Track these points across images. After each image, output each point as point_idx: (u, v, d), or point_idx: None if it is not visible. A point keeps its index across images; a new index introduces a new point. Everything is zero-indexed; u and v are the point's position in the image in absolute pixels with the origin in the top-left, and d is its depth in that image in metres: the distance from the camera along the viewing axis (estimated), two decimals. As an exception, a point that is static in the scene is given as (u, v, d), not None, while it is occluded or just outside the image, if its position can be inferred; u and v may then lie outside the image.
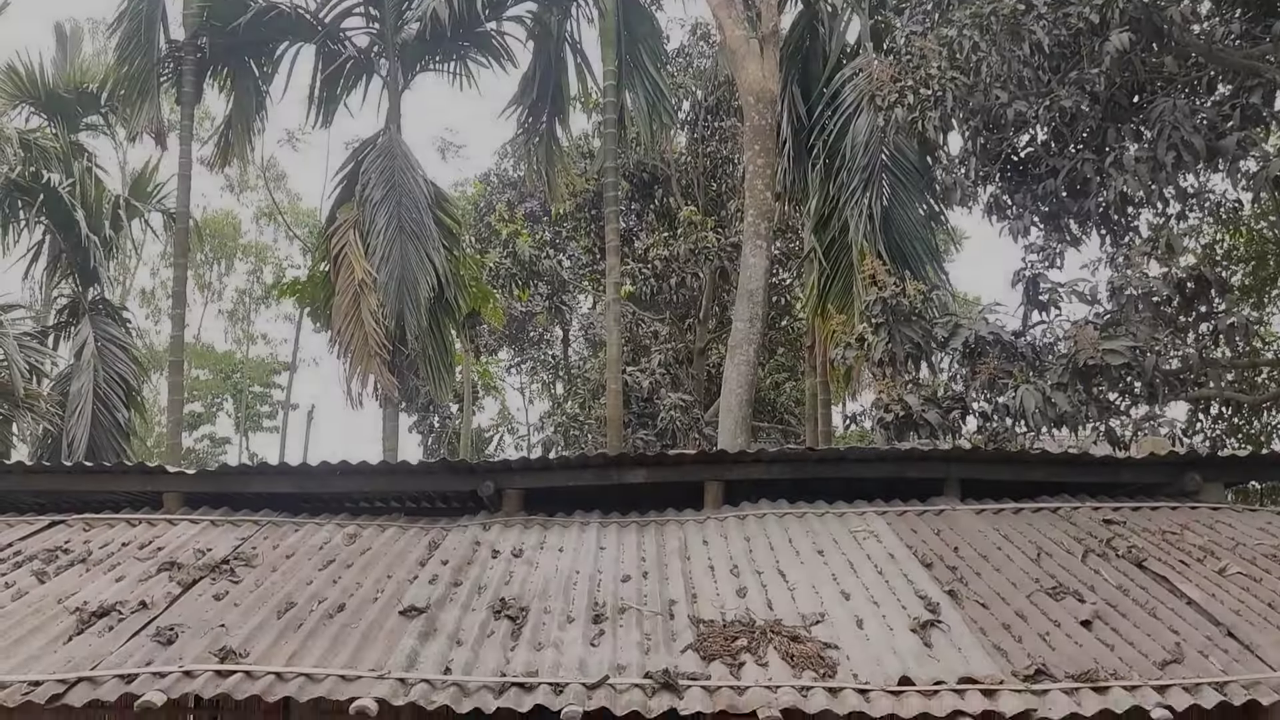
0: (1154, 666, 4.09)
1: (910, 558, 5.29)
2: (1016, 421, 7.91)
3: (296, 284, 16.51)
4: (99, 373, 15.10)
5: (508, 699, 3.90)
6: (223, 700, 5.95)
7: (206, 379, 32.66)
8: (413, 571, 5.19)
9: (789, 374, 19.83)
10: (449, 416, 22.93)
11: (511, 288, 19.50)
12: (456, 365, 16.95)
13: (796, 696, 3.91)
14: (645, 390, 17.15)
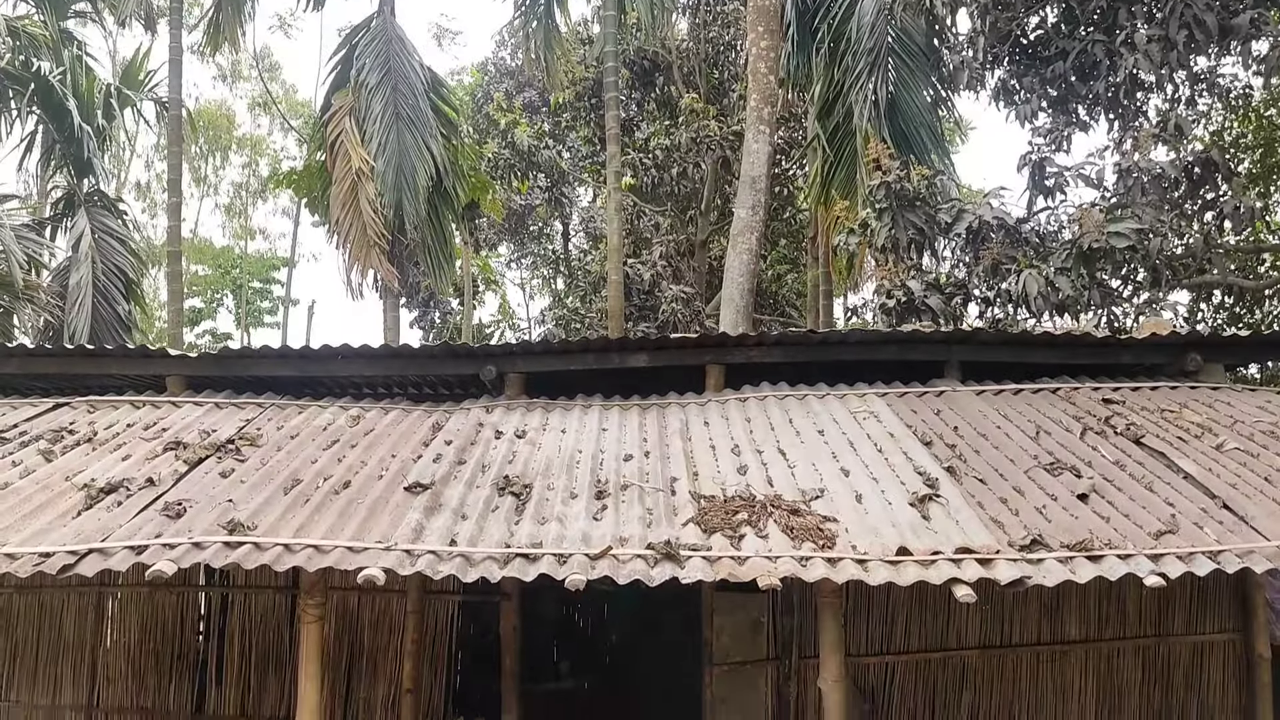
0: (1149, 537, 4.15)
1: (910, 436, 5.33)
2: (1018, 307, 7.91)
3: (293, 174, 16.32)
4: (97, 265, 15.02)
5: (513, 569, 3.96)
6: (233, 576, 6.14)
7: (206, 275, 32.54)
8: (417, 451, 5.24)
9: (791, 266, 19.72)
10: (450, 312, 22.92)
11: (510, 179, 19.27)
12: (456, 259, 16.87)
13: (796, 566, 3.97)
14: (646, 283, 17.08)
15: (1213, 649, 6.21)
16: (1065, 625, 6.23)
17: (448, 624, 6.30)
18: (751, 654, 6.21)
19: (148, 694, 6.00)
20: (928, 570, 3.95)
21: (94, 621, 6.02)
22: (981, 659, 6.20)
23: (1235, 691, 6.18)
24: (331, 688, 6.07)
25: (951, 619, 6.26)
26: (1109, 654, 6.20)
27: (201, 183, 31.96)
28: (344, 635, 6.17)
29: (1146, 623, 6.21)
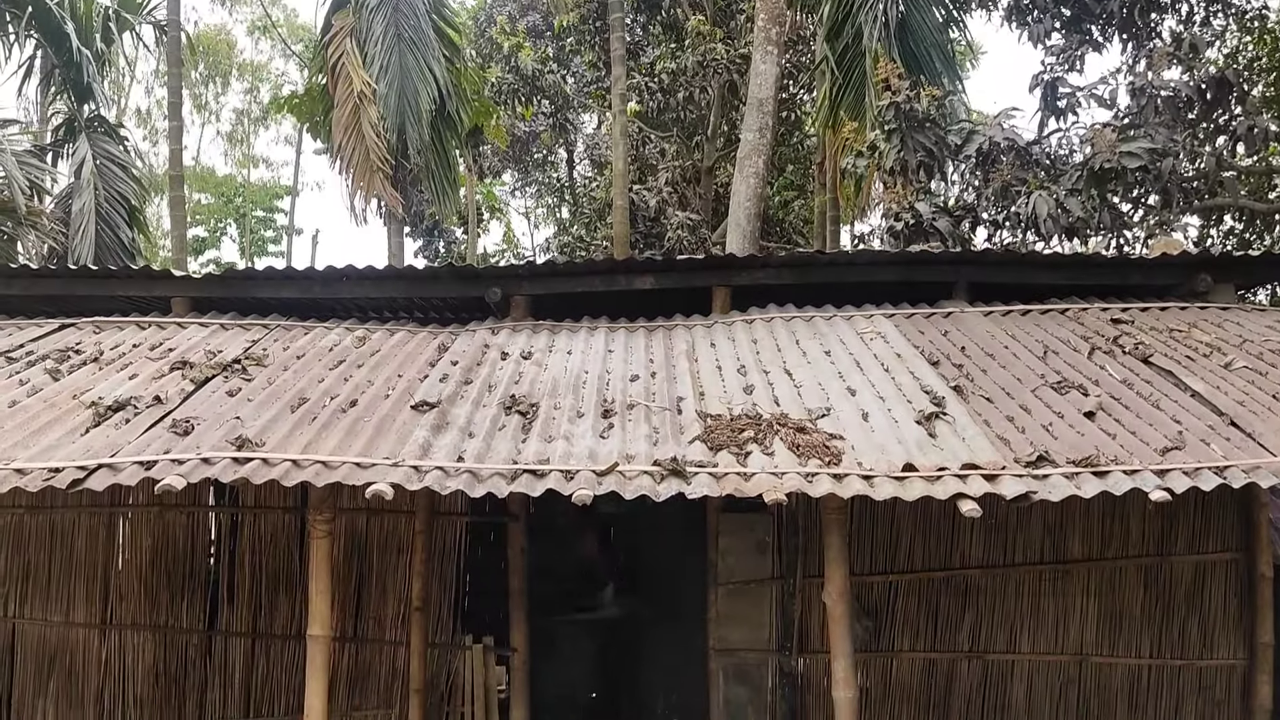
0: (1155, 453, 4.14)
1: (917, 356, 5.32)
2: (1028, 230, 7.84)
3: (294, 98, 16.12)
4: (100, 191, 14.93)
5: (520, 484, 3.98)
6: (242, 497, 6.19)
7: (209, 203, 32.35)
8: (423, 371, 5.24)
9: (798, 193, 19.53)
10: (454, 241, 22.82)
11: (514, 104, 19.02)
12: (460, 186, 16.72)
13: (801, 482, 3.98)
14: (652, 209, 16.95)
15: (1215, 568, 6.25)
16: (1068, 545, 6.27)
17: (455, 545, 6.37)
18: (756, 573, 6.27)
19: (160, 611, 6.09)
20: (933, 486, 3.95)
21: (105, 541, 6.08)
22: (984, 578, 6.26)
23: (1236, 610, 6.24)
24: (342, 605, 6.15)
25: (955, 539, 6.31)
26: (1111, 573, 6.25)
27: (202, 109, 31.64)
28: (353, 555, 6.24)
29: (1149, 542, 6.26)
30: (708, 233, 17.47)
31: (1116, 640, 6.26)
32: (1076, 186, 7.44)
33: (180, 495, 6.03)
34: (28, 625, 6.00)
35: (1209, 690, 6.25)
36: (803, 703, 6.23)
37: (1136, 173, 7.32)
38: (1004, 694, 6.28)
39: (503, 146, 19.28)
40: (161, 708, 6.05)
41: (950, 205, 8.31)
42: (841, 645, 4.28)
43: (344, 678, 6.18)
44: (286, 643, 6.15)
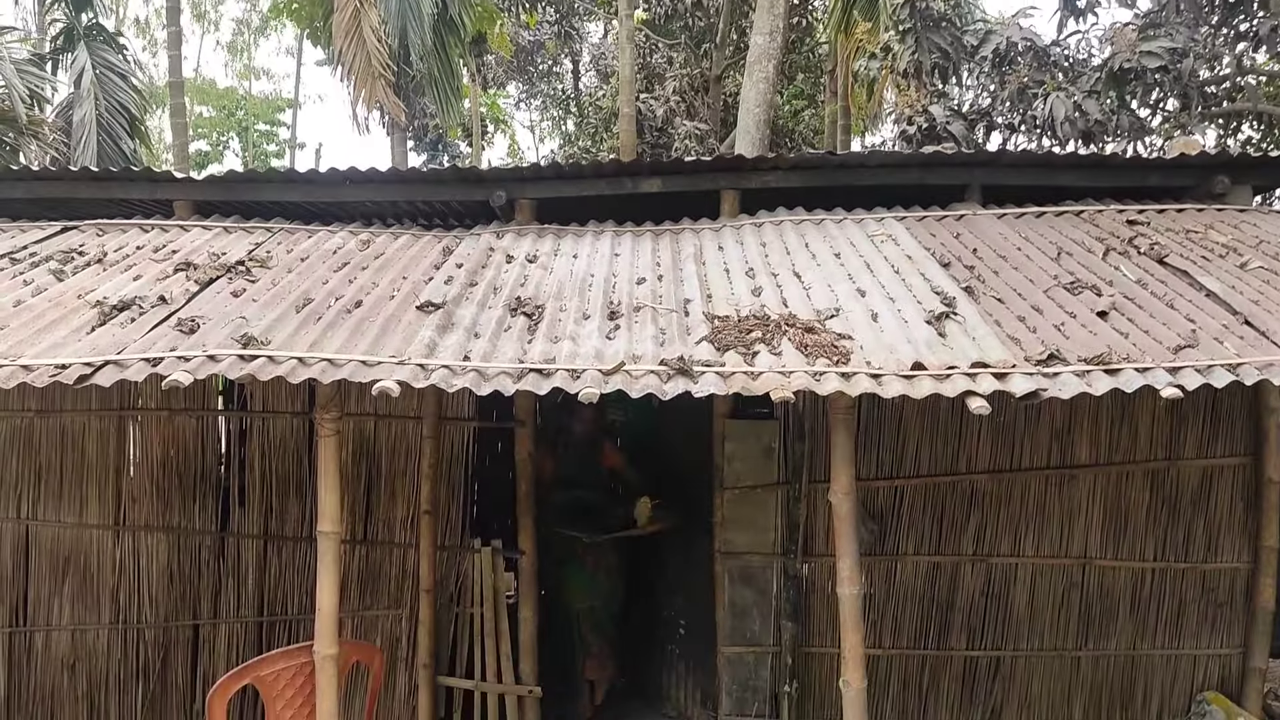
0: (1168, 351, 4.10)
1: (928, 258, 5.25)
2: (1044, 134, 7.70)
3: (294, 2, 15.81)
4: (100, 102, 14.78)
5: (526, 383, 3.95)
6: (250, 402, 6.21)
7: (210, 117, 31.99)
8: (428, 273, 5.20)
9: (808, 102, 19.22)
10: (458, 155, 22.57)
11: (518, 11, 18.64)
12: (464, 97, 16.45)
13: (809, 380, 3.95)
14: (659, 119, 16.72)
15: (1222, 473, 6.27)
16: (1075, 450, 6.28)
17: (463, 450, 6.40)
18: (762, 479, 6.30)
19: (173, 513, 6.15)
20: (942, 384, 3.92)
21: (116, 445, 6.12)
22: (990, 482, 6.28)
23: (1243, 514, 6.26)
24: (351, 508, 6.21)
25: (962, 444, 6.32)
26: (1117, 477, 6.26)
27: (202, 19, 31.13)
28: (361, 459, 6.27)
29: (1157, 447, 6.26)
30: (715, 143, 17.24)
31: (1120, 544, 6.31)
32: (1095, 88, 7.27)
33: (189, 399, 6.10)
34: (41, 527, 6.06)
35: (1212, 593, 6.32)
36: (807, 604, 6.31)
37: (1156, 73, 7.15)
38: (1007, 597, 6.35)
39: (507, 56, 18.96)
40: (177, 606, 6.15)
41: (964, 109, 8.14)
42: (846, 544, 4.30)
43: (355, 579, 6.27)
44: (298, 544, 6.22)
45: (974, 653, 6.36)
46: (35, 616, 6.08)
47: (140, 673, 6.14)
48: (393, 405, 6.27)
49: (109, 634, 6.11)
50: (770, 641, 6.33)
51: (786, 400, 3.87)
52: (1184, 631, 6.35)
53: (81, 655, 6.10)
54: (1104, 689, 6.37)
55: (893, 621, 6.35)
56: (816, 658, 6.34)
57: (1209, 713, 6.15)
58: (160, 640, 6.14)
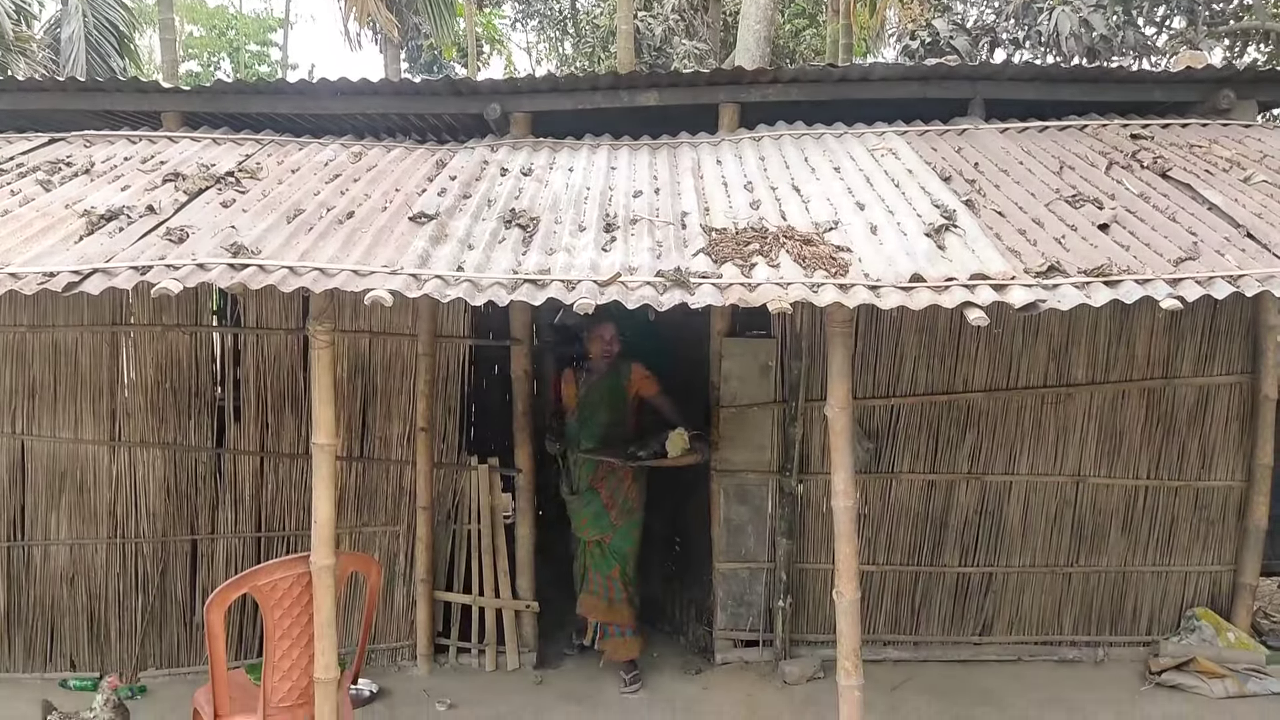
0: (1168, 264, 4.06)
1: (928, 172, 5.18)
2: (1049, 50, 7.55)
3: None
4: (88, 18, 14.49)
5: (521, 293, 3.91)
6: (244, 318, 6.16)
7: (200, 36, 31.42)
8: (421, 185, 5.12)
9: (809, 21, 18.87)
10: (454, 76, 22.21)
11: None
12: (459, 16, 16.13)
13: (807, 292, 3.91)
14: (658, 38, 16.43)
15: (1219, 391, 6.27)
16: (1072, 368, 6.28)
17: (459, 368, 6.38)
18: (759, 397, 6.30)
19: (168, 429, 6.14)
20: (941, 296, 3.88)
21: (110, 360, 6.08)
22: (987, 401, 6.28)
23: (1238, 432, 6.29)
24: (348, 425, 6.21)
25: (959, 364, 6.31)
26: (1114, 396, 6.27)
27: (189, -68, 30.39)
28: (357, 376, 6.25)
29: (1154, 365, 6.26)
30: (715, 63, 16.96)
31: (1115, 462, 6.34)
32: (1102, 2, 7.11)
33: (181, 315, 6.06)
34: (36, 442, 6.06)
35: (1204, 510, 6.36)
36: (802, 522, 6.35)
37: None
38: (1000, 514, 6.40)
39: (503, -28, 18.54)
40: (174, 522, 6.17)
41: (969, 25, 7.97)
42: (841, 458, 4.29)
43: (352, 495, 6.29)
44: (295, 461, 6.23)
45: (966, 569, 6.42)
46: (33, 531, 6.10)
47: (139, 587, 6.18)
48: (387, 322, 6.24)
49: (107, 548, 6.14)
50: (765, 558, 6.39)
51: (784, 311, 3.83)
52: (1175, 548, 6.41)
53: (80, 569, 6.14)
54: (1094, 604, 6.45)
55: (887, 538, 6.41)
56: (810, 574, 6.40)
57: (1198, 628, 6.23)
58: (158, 555, 6.18)
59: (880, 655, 6.31)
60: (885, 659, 6.33)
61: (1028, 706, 5.81)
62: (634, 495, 6.20)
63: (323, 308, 4.18)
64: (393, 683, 6.18)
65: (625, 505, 6.18)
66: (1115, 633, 6.46)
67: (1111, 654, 6.39)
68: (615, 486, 6.16)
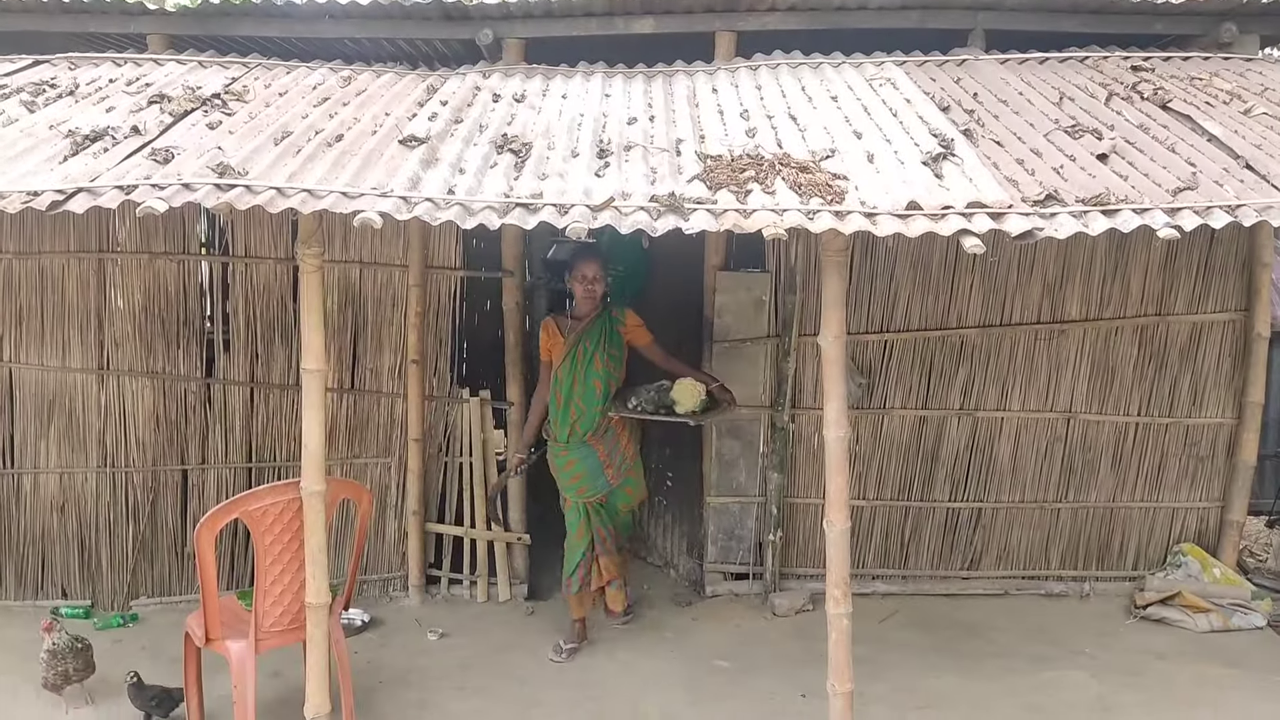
0: (1166, 194, 4.02)
1: (926, 102, 5.10)
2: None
3: None
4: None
5: (513, 217, 3.86)
6: (232, 246, 6.10)
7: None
8: (411, 110, 5.04)
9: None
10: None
11: None
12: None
13: (802, 218, 3.86)
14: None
15: (1212, 328, 6.27)
16: (1066, 305, 6.27)
17: (450, 300, 6.34)
18: (752, 332, 6.28)
19: (157, 359, 6.11)
20: (937, 224, 3.83)
21: (97, 288, 6.03)
22: (980, 337, 6.28)
23: (1230, 369, 6.30)
24: (338, 356, 6.19)
25: (953, 300, 6.30)
26: (1107, 333, 6.27)
27: None
28: (347, 307, 6.22)
29: (1148, 302, 6.25)
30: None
31: (1106, 399, 6.35)
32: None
33: (169, 243, 6.00)
34: (24, 370, 6.02)
35: (1194, 447, 6.40)
36: (793, 457, 6.37)
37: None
38: (991, 450, 6.42)
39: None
40: (165, 451, 6.17)
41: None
42: (834, 387, 4.27)
43: (344, 427, 6.29)
44: (285, 392, 6.21)
45: (956, 504, 6.46)
46: (22, 459, 6.09)
47: (130, 515, 6.19)
48: (378, 253, 6.19)
49: (97, 477, 6.14)
50: (756, 492, 6.42)
51: (779, 238, 3.78)
52: (1164, 485, 6.45)
53: (70, 497, 6.14)
54: (1082, 540, 6.49)
55: (878, 473, 6.43)
56: (801, 508, 6.43)
57: (1185, 564, 6.29)
58: (149, 484, 6.18)
59: (869, 589, 6.36)
60: (874, 592, 6.38)
61: (1013, 638, 5.87)
62: (631, 451, 5.74)
63: (311, 231, 4.12)
64: (385, 613, 6.23)
65: (622, 463, 5.68)
66: (1102, 568, 6.52)
67: (1097, 589, 6.45)
68: (613, 443, 5.64)
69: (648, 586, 6.67)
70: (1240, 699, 5.14)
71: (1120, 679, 5.36)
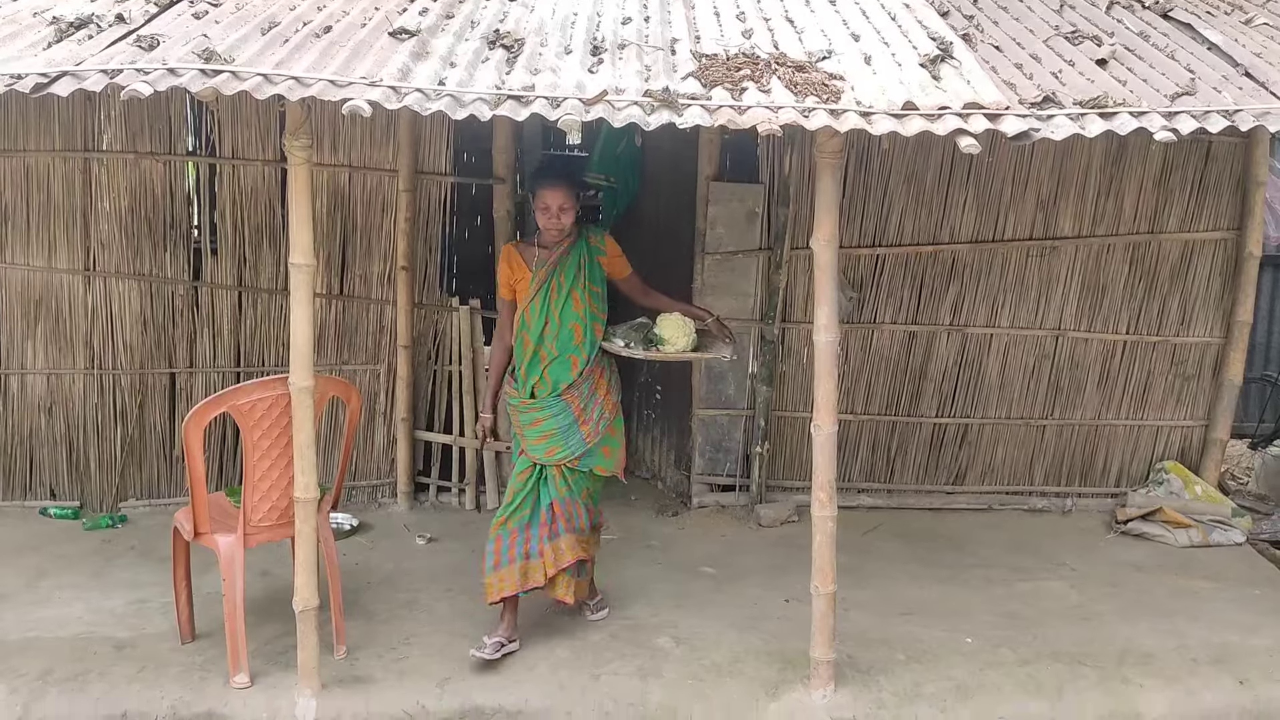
0: (1164, 98, 3.99)
1: (925, 5, 5.03)
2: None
3: None
4: None
5: (504, 109, 3.81)
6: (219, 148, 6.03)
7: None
8: (401, 4, 4.93)
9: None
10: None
11: None
12: None
13: (797, 115, 3.82)
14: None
15: (1204, 247, 6.28)
16: (1059, 221, 6.26)
17: (440, 206, 6.29)
18: (744, 244, 6.26)
19: (143, 261, 6.06)
20: (934, 123, 3.80)
21: (83, 188, 5.95)
22: (972, 253, 6.27)
23: (1220, 288, 6.32)
24: (327, 262, 6.15)
25: (946, 215, 6.28)
26: (1099, 250, 6.27)
27: None
28: (336, 212, 6.16)
29: (1141, 220, 6.24)
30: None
31: (1095, 317, 6.37)
32: None
33: (155, 143, 5.91)
34: (10, 270, 5.97)
35: (1181, 366, 6.44)
36: (782, 370, 6.38)
37: None
38: (979, 367, 6.45)
39: None
40: (152, 355, 6.15)
41: None
42: (825, 292, 4.27)
43: (332, 333, 6.27)
44: (273, 297, 6.18)
45: (943, 420, 6.50)
46: (9, 360, 6.06)
47: (118, 418, 6.18)
48: (367, 157, 6.13)
49: (84, 379, 6.12)
50: (744, 405, 6.44)
51: (774, 134, 3.75)
52: (1149, 403, 6.50)
53: (58, 399, 6.13)
54: (1066, 457, 6.56)
55: (866, 388, 6.46)
56: (789, 421, 6.47)
57: (1167, 480, 6.36)
58: (137, 387, 6.16)
59: (854, 502, 6.41)
60: (859, 506, 6.44)
61: (995, 551, 5.95)
62: (610, 403, 4.68)
63: (299, 122, 4.06)
64: (373, 518, 6.27)
65: (600, 418, 4.62)
66: (1085, 485, 6.59)
67: (1080, 505, 6.53)
68: (590, 395, 4.60)
69: (635, 497, 6.72)
70: (1217, 609, 5.23)
71: (1099, 589, 5.45)
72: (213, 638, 4.63)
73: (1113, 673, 4.58)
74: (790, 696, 4.38)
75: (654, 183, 7.03)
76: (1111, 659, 4.68)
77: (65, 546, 5.68)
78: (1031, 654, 4.72)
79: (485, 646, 4.49)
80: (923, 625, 5.00)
